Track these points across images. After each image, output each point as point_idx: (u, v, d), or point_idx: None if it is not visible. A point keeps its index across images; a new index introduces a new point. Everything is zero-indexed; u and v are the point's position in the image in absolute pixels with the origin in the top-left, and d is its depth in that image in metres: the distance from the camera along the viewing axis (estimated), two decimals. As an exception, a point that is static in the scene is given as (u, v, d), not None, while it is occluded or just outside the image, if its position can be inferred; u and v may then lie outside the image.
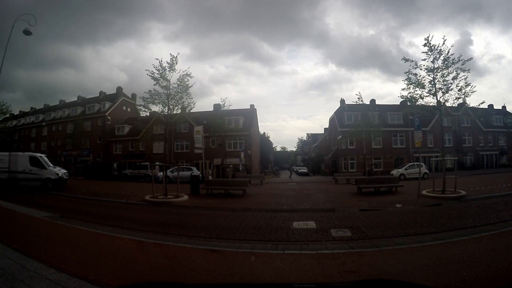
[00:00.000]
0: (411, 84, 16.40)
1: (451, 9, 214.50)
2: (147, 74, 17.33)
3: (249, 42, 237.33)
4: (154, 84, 17.37)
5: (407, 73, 16.46)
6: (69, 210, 12.51)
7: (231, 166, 31.20)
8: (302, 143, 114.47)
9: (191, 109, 18.94)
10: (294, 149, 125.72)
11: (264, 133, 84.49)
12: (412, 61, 16.30)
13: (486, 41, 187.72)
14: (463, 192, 15.07)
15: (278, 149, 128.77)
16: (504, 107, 56.97)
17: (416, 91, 16.38)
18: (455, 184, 15.43)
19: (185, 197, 16.25)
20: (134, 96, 59.94)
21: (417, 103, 16.62)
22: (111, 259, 5.87)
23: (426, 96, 16.21)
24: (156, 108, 18.41)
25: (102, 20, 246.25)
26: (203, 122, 35.70)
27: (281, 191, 21.65)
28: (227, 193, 17.87)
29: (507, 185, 18.52)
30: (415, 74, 16.30)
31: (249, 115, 50.02)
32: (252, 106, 53.87)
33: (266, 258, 6.09)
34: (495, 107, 55.51)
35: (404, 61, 16.40)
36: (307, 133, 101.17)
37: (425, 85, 16.08)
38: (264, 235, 8.13)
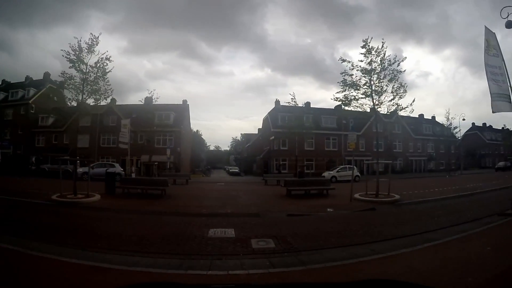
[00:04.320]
0: (346, 85, 16.23)
1: (385, 29, 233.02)
2: (62, 55, 15.49)
3: (188, 40, 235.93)
4: (70, 67, 15.56)
5: (343, 74, 16.29)
6: None
7: (156, 163, 30.07)
8: (235, 143, 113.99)
9: (108, 96, 17.00)
10: (228, 149, 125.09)
11: (197, 130, 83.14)
12: (349, 61, 16.21)
13: (416, 59, 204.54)
14: (397, 196, 14.84)
15: (213, 148, 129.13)
16: (433, 117, 61.82)
17: (352, 92, 16.20)
18: (388, 187, 15.14)
19: (97, 197, 14.53)
20: (62, 84, 54.79)
21: (352, 104, 16.49)
22: None
23: (362, 97, 16.07)
24: (69, 95, 17.05)
25: (39, 1, 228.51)
26: (132, 115, 33.80)
27: (206, 192, 20.53)
28: (146, 193, 16.29)
29: (438, 189, 18.94)
30: (351, 75, 16.16)
31: (181, 110, 48.06)
32: (184, 101, 51.71)
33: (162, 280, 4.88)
34: (425, 117, 60.01)
35: (341, 61, 16.39)
36: (241, 133, 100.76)
37: (361, 87, 15.98)
38: (171, 247, 7.01)
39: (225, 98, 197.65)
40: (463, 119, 45.06)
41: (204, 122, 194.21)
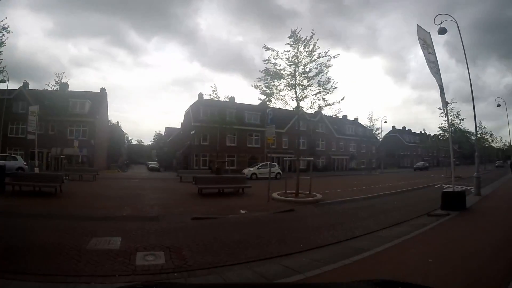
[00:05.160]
0: (269, 75, 15.34)
1: (317, 34, 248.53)
2: None
3: (117, 26, 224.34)
4: None
5: (266, 62, 15.32)
6: None
7: (62, 157, 28.01)
8: (158, 137, 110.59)
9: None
10: (151, 143, 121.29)
11: (117, 122, 78.85)
12: (274, 50, 15.29)
13: (342, 64, 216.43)
14: (319, 196, 14.03)
15: (135, 142, 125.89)
16: (356, 119, 65.24)
17: (274, 82, 15.36)
18: (310, 186, 14.30)
19: (-23, 196, 12.71)
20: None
21: (274, 96, 15.56)
22: None
23: (284, 89, 15.27)
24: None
25: None
26: (44, 102, 30.82)
27: (112, 189, 18.44)
28: (39, 191, 14.30)
29: (361, 188, 18.86)
30: (275, 64, 15.26)
31: (98, 99, 44.51)
32: (102, 89, 47.63)
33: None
34: (348, 118, 63.00)
35: (266, 49, 15.35)
36: (165, 127, 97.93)
37: (283, 77, 15.20)
38: (35, 263, 5.38)
39: (151, 91, 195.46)
40: (385, 122, 47.92)
41: (128, 115, 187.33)
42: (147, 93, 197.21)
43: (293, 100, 15.27)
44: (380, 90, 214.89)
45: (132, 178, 31.25)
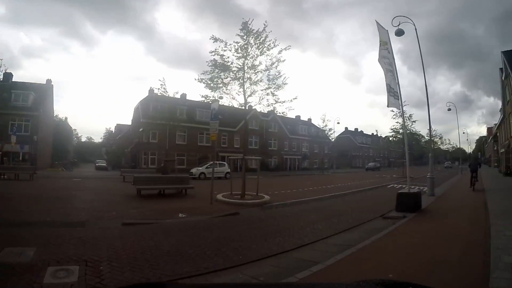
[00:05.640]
0: (216, 67, 14.62)
1: (273, 35, 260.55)
2: None
3: (72, 16, 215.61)
4: None
5: (213, 53, 14.48)
6: None
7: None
8: (108, 134, 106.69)
9: None
10: (101, 140, 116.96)
11: (65, 118, 75.09)
12: (222, 41, 14.50)
13: (298, 67, 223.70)
14: (267, 197, 13.49)
15: (85, 139, 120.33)
16: (309, 119, 66.01)
17: (221, 75, 14.71)
18: (257, 187, 13.75)
19: None
20: None
21: (219, 89, 14.87)
22: None
23: (231, 82, 14.69)
24: None
25: None
26: None
27: (46, 190, 16.82)
28: None
29: (313, 188, 18.54)
30: (222, 56, 14.53)
31: (43, 92, 40.95)
32: (48, 81, 43.89)
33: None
34: (301, 118, 63.77)
35: (214, 41, 14.53)
36: (116, 124, 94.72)
37: (231, 70, 14.62)
38: None
39: (105, 85, 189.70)
40: (338, 123, 49.10)
41: (78, 110, 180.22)
42: (99, 88, 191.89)
43: (239, 94, 14.68)
44: (334, 93, 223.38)
45: (75, 177, 29.26)
